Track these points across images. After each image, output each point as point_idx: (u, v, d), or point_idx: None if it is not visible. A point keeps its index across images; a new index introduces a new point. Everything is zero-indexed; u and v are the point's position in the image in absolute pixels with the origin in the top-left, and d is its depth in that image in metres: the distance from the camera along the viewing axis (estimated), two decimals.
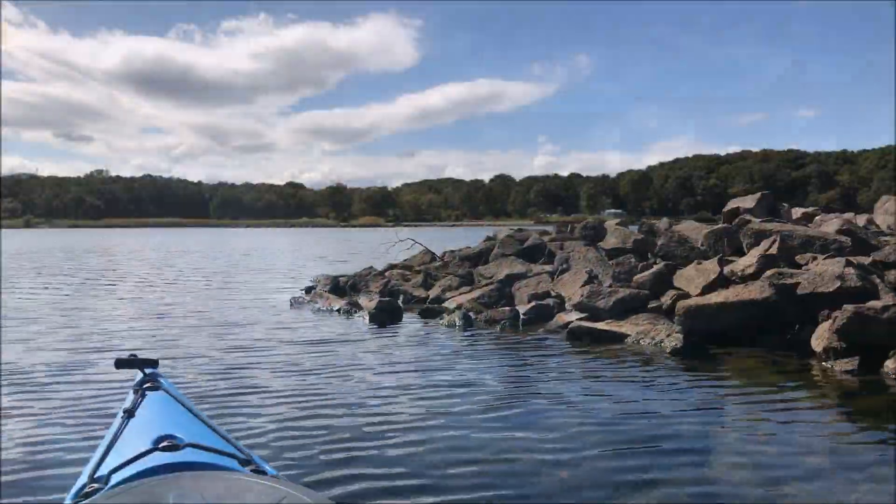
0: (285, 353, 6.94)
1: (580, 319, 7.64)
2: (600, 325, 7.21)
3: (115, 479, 1.66)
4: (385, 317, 8.94)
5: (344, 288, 11.84)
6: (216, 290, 13.05)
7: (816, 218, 9.47)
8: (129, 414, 2.00)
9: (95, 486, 1.64)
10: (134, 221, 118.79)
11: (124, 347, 7.02)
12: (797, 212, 10.65)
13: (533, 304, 8.55)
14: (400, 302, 10.20)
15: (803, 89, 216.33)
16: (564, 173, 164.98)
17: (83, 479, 1.73)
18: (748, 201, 10.47)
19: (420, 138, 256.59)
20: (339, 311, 9.68)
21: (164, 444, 1.77)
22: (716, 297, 6.84)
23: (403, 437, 4.25)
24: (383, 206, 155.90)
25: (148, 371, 2.34)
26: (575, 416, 4.68)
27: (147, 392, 2.19)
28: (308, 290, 12.35)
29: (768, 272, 7.48)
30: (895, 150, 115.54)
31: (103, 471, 1.71)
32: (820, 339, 5.92)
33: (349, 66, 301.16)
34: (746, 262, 8.06)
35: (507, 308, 8.57)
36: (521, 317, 8.35)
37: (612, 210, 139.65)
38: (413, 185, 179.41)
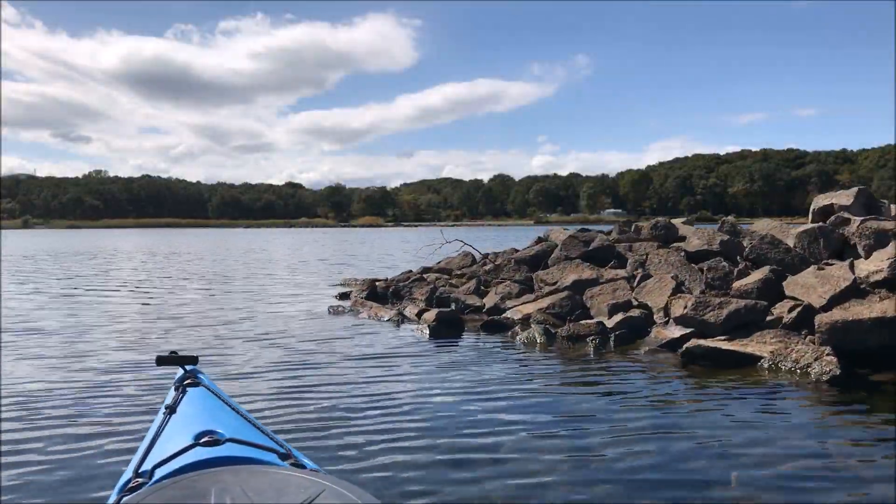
0: (344, 371, 5.88)
1: (691, 336, 6.51)
2: (723, 345, 6.06)
3: (158, 474, 1.67)
4: (445, 329, 7.81)
5: (384, 294, 10.69)
6: (242, 297, 11.84)
7: None
8: (171, 410, 2.01)
9: (140, 481, 1.65)
10: (132, 222, 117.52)
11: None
12: None
13: (620, 316, 7.41)
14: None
15: (803, 88, 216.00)
16: (564, 173, 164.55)
17: (128, 475, 1.74)
18: (843, 197, 9.35)
19: (419, 138, 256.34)
20: (388, 321, 8.54)
21: (206, 439, 1.78)
22: (867, 311, 5.71)
23: (505, 468, 3.56)
24: (382, 206, 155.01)
25: (188, 368, 2.35)
26: (737, 467, 3.59)
27: (187, 388, 2.20)
28: (342, 296, 11.22)
29: None
30: (895, 148, 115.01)
31: (147, 466, 1.72)
32: None
33: (348, 66, 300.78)
34: (873, 267, 6.94)
35: (593, 322, 7.42)
36: (610, 332, 7.20)
37: (612, 210, 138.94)
38: (412, 184, 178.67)
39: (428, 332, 7.67)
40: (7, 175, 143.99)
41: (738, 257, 8.77)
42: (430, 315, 8.01)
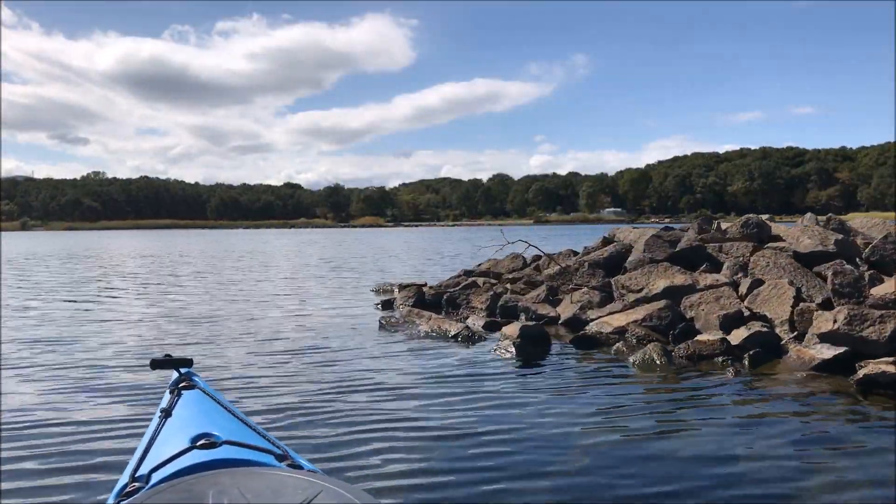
0: (431, 401, 4.68)
1: (845, 356, 5.36)
2: None
3: (155, 478, 1.64)
4: (530, 346, 6.65)
5: (435, 302, 9.52)
6: (272, 306, 10.60)
7: None
8: (167, 413, 2.00)
9: (136, 485, 1.63)
10: (131, 223, 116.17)
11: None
12: None
13: (744, 331, 6.24)
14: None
15: (802, 87, 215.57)
16: (563, 172, 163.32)
17: (124, 479, 1.71)
18: None
19: (417, 138, 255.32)
20: (456, 336, 7.36)
21: (202, 442, 1.75)
22: None
23: None
24: (381, 206, 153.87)
25: (183, 371, 2.31)
26: None
27: (183, 391, 2.16)
28: (385, 304, 10.04)
29: None
30: (894, 146, 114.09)
31: (143, 470, 1.71)
32: None
33: (346, 66, 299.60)
34: None
35: (715, 339, 6.24)
36: (741, 351, 6.03)
37: (612, 209, 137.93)
38: (411, 184, 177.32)
39: (514, 349, 6.50)
40: (5, 177, 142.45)
41: (858, 259, 7.64)
42: (513, 330, 6.83)
